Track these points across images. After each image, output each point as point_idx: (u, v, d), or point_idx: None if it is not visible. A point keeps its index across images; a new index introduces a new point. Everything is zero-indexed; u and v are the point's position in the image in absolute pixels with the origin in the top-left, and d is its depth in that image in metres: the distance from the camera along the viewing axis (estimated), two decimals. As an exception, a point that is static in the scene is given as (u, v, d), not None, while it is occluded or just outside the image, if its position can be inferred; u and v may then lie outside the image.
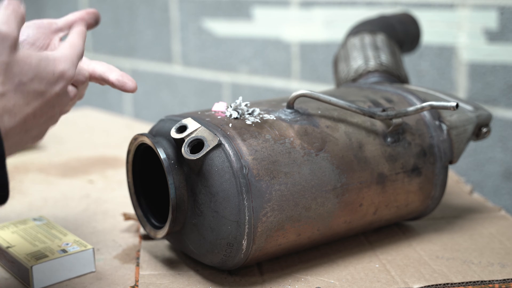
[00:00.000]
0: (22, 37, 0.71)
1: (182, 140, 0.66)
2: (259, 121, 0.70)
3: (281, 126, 0.70)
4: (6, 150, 0.55)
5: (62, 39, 0.75)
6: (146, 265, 0.74)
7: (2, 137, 0.54)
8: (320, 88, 1.45)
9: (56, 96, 0.59)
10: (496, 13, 1.17)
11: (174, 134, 0.67)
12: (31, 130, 0.58)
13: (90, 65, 0.74)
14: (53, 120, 0.61)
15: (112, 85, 0.73)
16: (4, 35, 0.54)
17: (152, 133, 0.73)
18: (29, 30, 0.72)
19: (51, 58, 0.58)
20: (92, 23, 0.75)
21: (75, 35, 0.65)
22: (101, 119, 1.59)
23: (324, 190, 0.70)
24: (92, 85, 0.83)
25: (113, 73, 0.73)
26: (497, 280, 0.70)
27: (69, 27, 0.75)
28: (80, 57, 0.62)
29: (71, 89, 0.69)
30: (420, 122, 0.79)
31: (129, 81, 0.73)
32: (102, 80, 0.74)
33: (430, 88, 0.87)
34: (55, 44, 0.74)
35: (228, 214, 0.65)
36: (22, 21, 0.57)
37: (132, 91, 0.73)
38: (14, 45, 0.55)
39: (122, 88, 0.73)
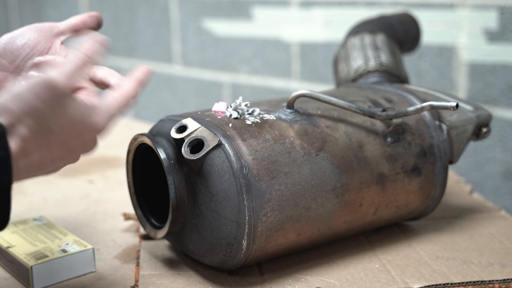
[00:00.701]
0: (22, 40, 0.71)
1: (182, 140, 0.66)
2: (259, 121, 0.70)
3: (281, 126, 0.70)
4: (14, 181, 0.54)
5: (63, 42, 0.74)
6: (146, 265, 0.74)
7: (13, 174, 0.52)
8: (320, 88, 1.45)
9: (82, 145, 0.57)
10: (496, 13, 1.17)
11: (174, 134, 0.67)
12: (46, 168, 0.56)
13: (91, 69, 0.73)
14: (72, 160, 0.58)
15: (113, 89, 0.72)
16: (59, 91, 0.52)
17: (152, 133, 0.73)
18: (30, 34, 0.72)
19: (89, 107, 0.55)
20: (94, 27, 0.75)
21: (132, 82, 0.61)
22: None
23: (324, 190, 0.70)
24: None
25: (113, 78, 0.71)
26: (497, 280, 0.70)
27: (70, 30, 0.75)
28: (124, 107, 0.59)
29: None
30: (420, 122, 0.79)
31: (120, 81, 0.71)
32: (102, 85, 0.73)
33: (430, 88, 0.87)
34: (56, 48, 0.73)
35: (228, 214, 0.65)
36: (80, 74, 0.55)
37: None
38: (65, 98, 0.53)
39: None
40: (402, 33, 1.00)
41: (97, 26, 0.75)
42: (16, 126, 0.52)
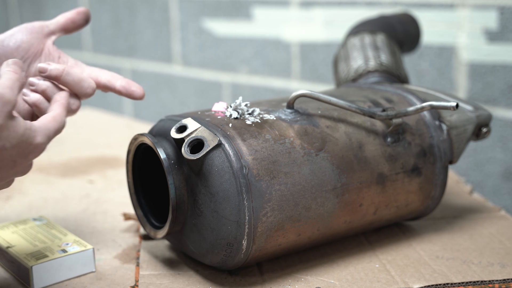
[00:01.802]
0: (16, 43, 0.71)
1: (182, 140, 0.66)
2: (259, 121, 0.70)
3: (281, 126, 0.70)
4: None
5: (54, 42, 0.74)
6: (146, 265, 0.74)
7: None
8: (320, 88, 1.45)
9: (24, 166, 0.60)
10: (496, 13, 1.17)
11: (174, 134, 0.67)
12: None
13: (93, 73, 0.74)
14: (8, 185, 0.62)
15: (119, 93, 0.73)
16: (6, 100, 0.55)
17: (152, 133, 0.73)
18: (23, 36, 0.72)
19: (33, 129, 0.59)
20: (83, 23, 0.75)
21: (59, 108, 0.64)
22: (101, 119, 1.59)
23: (324, 190, 0.70)
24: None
25: (118, 81, 0.73)
26: (497, 280, 0.70)
27: (60, 29, 0.75)
28: (58, 132, 0.62)
29: (73, 102, 0.70)
30: (420, 122, 0.79)
31: (136, 89, 0.73)
32: (106, 88, 0.74)
33: (430, 88, 0.87)
34: (50, 50, 0.73)
35: (228, 214, 0.65)
36: (22, 87, 0.59)
37: (140, 98, 0.73)
38: (11, 111, 0.56)
39: (130, 96, 0.73)
40: (402, 33, 1.00)
41: (85, 22, 0.76)
42: None
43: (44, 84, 0.69)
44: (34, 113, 0.71)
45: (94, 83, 0.70)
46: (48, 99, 0.68)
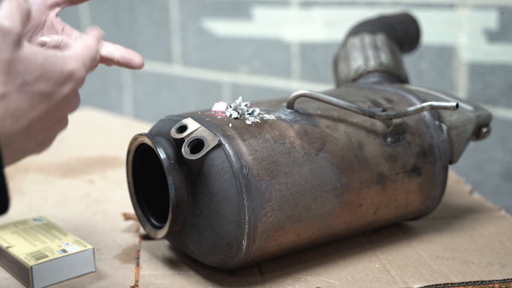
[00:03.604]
0: None
1: (182, 140, 0.66)
2: (259, 121, 0.70)
3: (281, 126, 0.70)
4: (7, 158, 0.51)
5: (58, 14, 0.71)
6: (146, 265, 0.74)
7: (2, 143, 0.49)
8: (320, 88, 1.45)
9: (65, 98, 0.54)
10: (496, 13, 1.17)
11: (174, 134, 0.67)
12: (36, 135, 0.53)
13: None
14: (62, 124, 0.56)
15: (118, 63, 0.69)
16: (6, 30, 0.50)
17: (152, 133, 0.73)
18: None
19: (60, 56, 0.53)
20: None
21: (91, 38, 0.60)
22: (101, 119, 1.59)
23: (324, 190, 0.70)
24: (92, 85, 0.82)
25: (117, 51, 0.69)
26: (497, 280, 0.70)
27: (65, 0, 0.71)
28: (93, 60, 0.58)
29: None
30: (420, 122, 0.79)
31: (134, 57, 0.69)
32: (107, 60, 0.70)
33: (430, 88, 0.87)
34: (53, 21, 0.70)
35: (228, 214, 0.65)
36: (27, 16, 0.53)
37: (139, 67, 0.69)
38: (18, 41, 0.50)
39: (128, 65, 0.69)
40: (402, 33, 1.00)
41: None
42: None
43: None
44: None
45: (98, 54, 0.65)
46: None
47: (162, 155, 0.67)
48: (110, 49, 0.69)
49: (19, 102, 0.50)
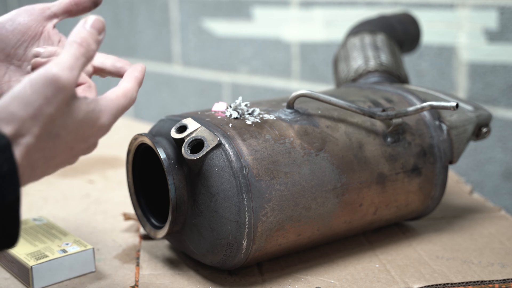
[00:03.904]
0: (12, 25, 0.66)
1: (182, 140, 0.66)
2: (259, 121, 0.70)
3: (281, 126, 0.70)
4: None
5: (55, 26, 0.70)
6: (146, 265, 0.74)
7: (20, 189, 0.47)
8: (320, 88, 1.45)
9: (85, 149, 0.54)
10: (496, 13, 1.17)
11: (174, 134, 0.67)
12: (47, 174, 0.52)
13: (90, 61, 0.69)
14: (72, 163, 0.55)
15: (110, 73, 0.68)
16: (62, 86, 0.47)
17: (152, 133, 0.73)
18: (20, 18, 0.66)
19: (97, 110, 0.51)
20: (90, 6, 0.69)
21: (131, 82, 0.57)
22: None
23: (324, 190, 0.70)
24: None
25: (109, 60, 0.67)
26: (497, 280, 0.70)
27: (63, 12, 0.69)
28: (127, 109, 0.55)
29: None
30: (420, 122, 0.79)
31: (126, 65, 0.67)
32: (101, 71, 0.68)
33: (430, 88, 0.87)
34: (49, 33, 0.69)
35: (228, 214, 0.65)
36: (89, 62, 0.50)
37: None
38: (71, 97, 0.48)
39: (119, 73, 0.67)
40: (402, 33, 1.00)
41: (92, 5, 0.68)
42: (22, 134, 0.47)
43: None
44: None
45: (90, 66, 0.66)
46: None
47: (162, 155, 0.67)
48: (103, 59, 0.68)
49: (44, 154, 0.49)
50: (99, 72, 0.68)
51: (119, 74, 0.67)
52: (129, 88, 0.56)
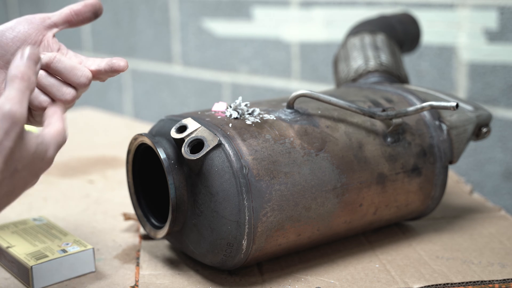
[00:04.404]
0: (12, 33, 0.67)
1: (182, 140, 0.66)
2: (259, 121, 0.70)
3: (281, 126, 0.70)
4: None
5: (55, 35, 0.71)
6: (146, 265, 0.74)
7: None
8: (320, 88, 1.45)
9: (35, 181, 0.56)
10: (496, 13, 1.17)
11: (174, 134, 0.67)
12: (1, 209, 0.54)
13: (87, 62, 0.71)
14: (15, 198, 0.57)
15: (105, 72, 0.68)
16: (17, 119, 0.49)
17: (152, 133, 0.73)
18: (20, 27, 0.67)
19: (45, 143, 0.54)
20: (90, 16, 0.70)
21: (59, 122, 0.58)
22: (101, 119, 1.59)
23: (324, 190, 0.70)
24: (92, 85, 0.82)
25: (103, 61, 0.68)
26: (497, 280, 0.70)
27: (64, 22, 0.70)
28: (63, 144, 0.58)
29: (68, 91, 0.66)
30: (420, 122, 0.79)
31: (118, 60, 0.67)
32: (98, 73, 0.69)
33: (430, 88, 0.87)
34: (49, 41, 0.69)
35: (228, 214, 0.65)
36: (31, 93, 0.52)
37: (124, 68, 0.68)
38: (23, 129, 0.50)
39: (113, 68, 0.67)
40: (402, 33, 1.00)
41: (93, 15, 0.70)
42: None
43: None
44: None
45: (88, 71, 0.66)
46: (41, 88, 0.65)
47: (162, 155, 0.67)
48: (98, 62, 0.68)
49: (5, 190, 0.51)
50: (96, 74, 0.69)
51: (112, 69, 0.68)
52: (61, 127, 0.58)
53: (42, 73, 0.65)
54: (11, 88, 0.51)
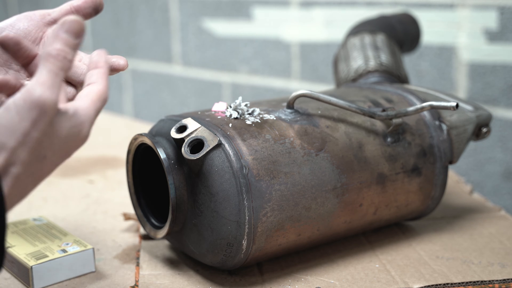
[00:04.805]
0: (12, 31, 0.66)
1: (182, 140, 0.66)
2: (259, 121, 0.70)
3: (281, 126, 0.70)
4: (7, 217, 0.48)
5: None
6: (146, 265, 0.74)
7: (6, 221, 0.47)
8: (320, 88, 1.45)
9: (66, 159, 0.52)
10: (496, 13, 1.17)
11: (174, 134, 0.67)
12: (34, 189, 0.52)
13: (86, 61, 0.70)
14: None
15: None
16: (47, 107, 0.46)
17: (152, 133, 0.73)
18: (20, 24, 0.67)
19: (78, 122, 0.50)
20: (91, 12, 0.68)
21: (102, 81, 0.54)
22: (101, 119, 1.59)
23: (324, 190, 0.70)
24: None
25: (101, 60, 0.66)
26: (497, 280, 0.70)
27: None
28: (101, 110, 0.53)
29: (69, 90, 0.65)
30: (420, 122, 0.79)
31: (118, 59, 0.66)
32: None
33: (430, 88, 0.87)
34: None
35: (228, 214, 0.65)
36: (68, 72, 0.48)
37: (124, 67, 0.66)
38: (53, 118, 0.47)
39: (113, 67, 0.66)
40: (402, 33, 1.00)
41: (93, 11, 0.68)
42: (12, 163, 0.46)
43: None
44: None
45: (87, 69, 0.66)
46: None
47: (162, 155, 0.67)
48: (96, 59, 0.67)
49: (32, 177, 0.49)
50: None
51: (112, 69, 0.66)
52: (102, 90, 0.54)
53: None
54: (43, 68, 0.47)
